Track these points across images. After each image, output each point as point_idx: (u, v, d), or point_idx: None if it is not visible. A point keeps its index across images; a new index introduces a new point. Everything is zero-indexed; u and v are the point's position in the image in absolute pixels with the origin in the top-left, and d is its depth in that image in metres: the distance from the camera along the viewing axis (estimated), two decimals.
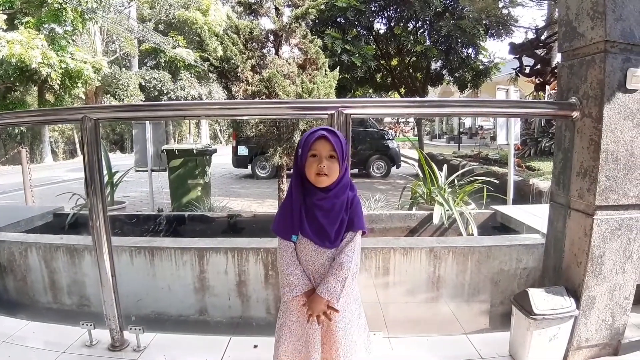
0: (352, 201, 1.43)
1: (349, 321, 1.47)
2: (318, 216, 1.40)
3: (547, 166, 8.05)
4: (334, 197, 1.41)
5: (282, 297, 1.51)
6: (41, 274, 3.04)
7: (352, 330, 1.48)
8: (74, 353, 2.17)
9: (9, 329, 2.39)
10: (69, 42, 16.62)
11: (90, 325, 2.24)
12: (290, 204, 1.44)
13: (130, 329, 2.22)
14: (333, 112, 1.91)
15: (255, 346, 2.22)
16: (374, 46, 11.62)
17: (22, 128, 16.93)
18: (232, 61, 4.93)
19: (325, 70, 5.36)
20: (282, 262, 1.44)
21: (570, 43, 2.02)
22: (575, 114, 1.97)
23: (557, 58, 11.13)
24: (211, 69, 5.27)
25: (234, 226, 4.22)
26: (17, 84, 16.22)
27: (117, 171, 5.65)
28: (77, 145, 21.44)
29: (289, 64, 5.21)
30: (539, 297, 1.94)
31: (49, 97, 17.47)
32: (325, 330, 1.45)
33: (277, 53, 5.44)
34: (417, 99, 5.12)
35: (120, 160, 11.71)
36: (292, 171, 1.53)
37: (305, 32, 5.32)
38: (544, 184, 6.62)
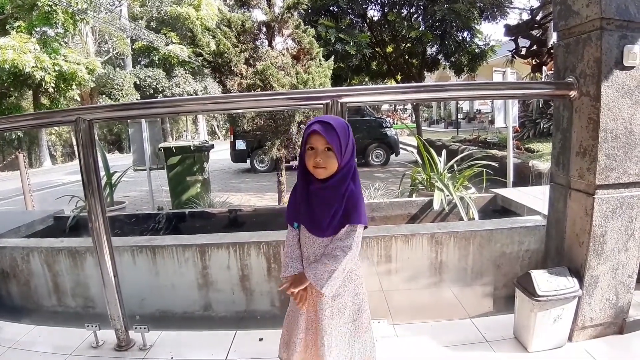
0: (348, 194, 1.41)
1: (339, 312, 1.47)
2: (313, 205, 1.43)
3: (546, 147, 8.02)
4: (331, 188, 1.42)
5: None
6: (44, 278, 3.03)
7: (343, 322, 1.48)
8: (81, 355, 2.18)
9: (14, 335, 2.40)
10: (61, 45, 16.55)
11: (96, 326, 2.25)
12: (295, 193, 1.51)
13: (136, 328, 2.22)
14: (328, 101, 1.89)
15: (260, 339, 2.23)
16: (368, 34, 11.56)
17: (19, 133, 16.90)
18: (226, 55, 4.90)
19: (320, 60, 5.32)
20: (285, 245, 1.55)
21: (565, 21, 1.99)
22: (573, 93, 1.95)
23: (553, 38, 11.04)
24: (205, 64, 5.24)
25: (235, 221, 4.21)
26: (12, 90, 16.19)
27: (116, 171, 5.64)
28: (75, 148, 21.38)
29: (283, 55, 5.18)
30: (541, 279, 1.94)
31: (44, 100, 17.42)
32: (314, 316, 1.48)
33: (270, 45, 5.41)
34: (414, 84, 5.07)
35: (119, 161, 11.70)
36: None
37: (297, 22, 5.27)
38: (543, 165, 6.60)
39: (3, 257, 3.08)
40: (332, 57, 5.73)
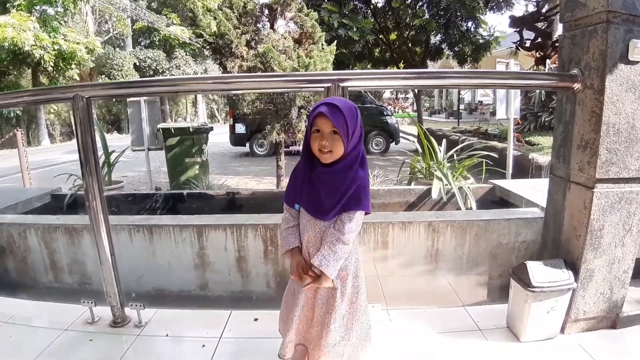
0: (357, 181, 1.38)
1: (338, 292, 1.46)
2: (318, 188, 1.39)
3: (546, 141, 8.01)
4: (336, 173, 1.38)
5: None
6: (41, 255, 3.04)
7: (341, 302, 1.47)
8: (76, 330, 2.19)
9: (10, 309, 2.40)
10: (61, 24, 16.34)
11: (92, 302, 2.25)
12: (297, 173, 1.48)
13: (132, 305, 2.23)
14: (330, 84, 1.87)
15: (255, 319, 2.24)
16: (371, 20, 11.44)
17: (17, 111, 16.78)
18: (227, 37, 4.84)
19: (322, 45, 5.27)
20: (282, 223, 1.51)
21: (572, 13, 1.97)
22: (577, 85, 1.93)
23: (558, 31, 10.96)
24: (205, 45, 5.18)
25: (233, 203, 4.21)
26: (11, 68, 16.04)
27: (114, 151, 5.62)
28: (74, 127, 21.25)
29: (285, 38, 5.12)
30: (537, 270, 1.95)
31: (43, 79, 17.26)
32: (312, 295, 1.48)
33: (272, 27, 5.34)
34: (416, 70, 5.05)
35: (117, 141, 11.65)
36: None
37: (300, 5, 5.21)
38: (543, 158, 6.60)
39: (0, 233, 3.08)
40: (335, 42, 5.66)
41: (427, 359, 1.94)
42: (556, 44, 10.93)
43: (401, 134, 13.15)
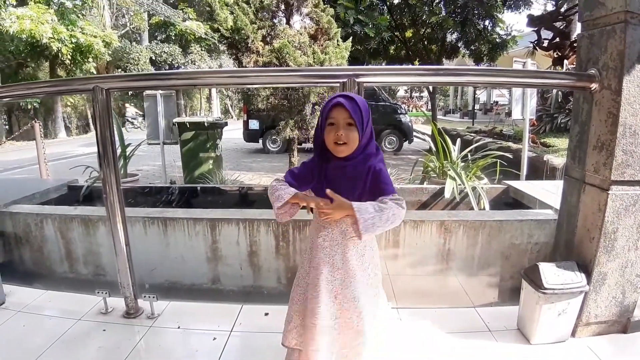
0: (373, 170, 1.35)
1: (367, 285, 1.44)
2: (336, 184, 1.36)
3: (562, 143, 7.90)
4: (352, 166, 1.36)
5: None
6: (57, 245, 3.10)
7: (368, 295, 1.45)
8: (90, 320, 2.24)
9: (24, 299, 2.45)
10: (78, 17, 16.51)
11: (106, 293, 2.30)
12: (311, 167, 1.43)
13: (145, 297, 2.28)
14: (345, 80, 1.87)
15: (266, 314, 2.27)
16: (387, 17, 11.37)
17: (34, 104, 17.04)
18: (243, 31, 4.87)
19: (338, 41, 5.27)
20: (272, 188, 1.40)
21: (590, 12, 1.94)
22: (594, 85, 1.91)
23: (577, 31, 10.75)
24: (221, 40, 5.22)
25: (246, 198, 4.24)
26: (29, 60, 16.25)
27: (130, 144, 5.69)
28: (90, 120, 21.55)
29: (300, 34, 5.13)
30: (549, 272, 1.93)
31: (61, 72, 17.48)
32: (339, 287, 1.42)
33: (288, 23, 5.36)
34: (433, 66, 5.01)
35: (133, 135, 11.78)
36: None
37: (317, 1, 5.21)
38: (558, 160, 6.52)
39: (17, 223, 3.15)
40: (350, 38, 5.65)
41: (437, 359, 1.94)
42: (574, 44, 10.74)
43: (415, 133, 13.05)
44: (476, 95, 25.17)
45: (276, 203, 1.37)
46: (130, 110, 23.58)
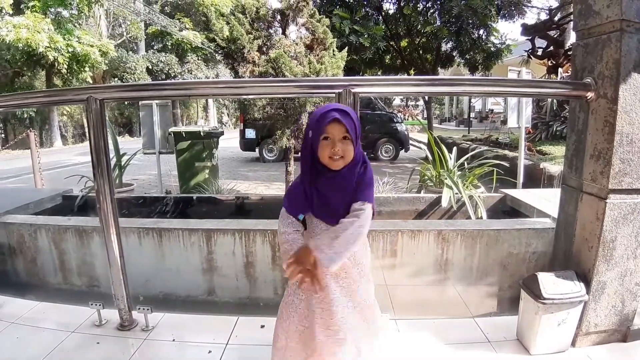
0: (361, 174, 1.38)
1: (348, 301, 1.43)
2: (329, 195, 1.37)
3: (558, 150, 7.93)
4: (344, 176, 1.37)
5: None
6: (51, 256, 3.07)
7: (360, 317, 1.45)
8: (84, 332, 2.20)
9: (18, 310, 2.41)
10: (75, 26, 16.59)
11: (99, 305, 2.26)
12: (303, 190, 1.41)
13: (139, 309, 2.24)
14: (341, 90, 1.87)
15: (262, 326, 2.23)
16: (383, 27, 11.44)
17: (30, 112, 17.03)
18: (239, 42, 4.88)
19: (334, 51, 5.28)
20: (282, 236, 1.40)
21: (585, 21, 1.95)
22: (590, 94, 1.91)
23: (571, 40, 10.89)
24: (217, 50, 5.23)
25: (242, 208, 4.22)
26: (25, 69, 16.29)
27: (125, 153, 5.67)
28: (86, 129, 21.49)
29: (296, 44, 5.14)
30: (548, 281, 1.92)
31: (57, 81, 17.51)
32: (326, 307, 1.40)
33: (284, 33, 5.37)
34: (428, 77, 5.04)
35: (129, 144, 11.76)
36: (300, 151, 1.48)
37: (312, 11, 5.23)
38: (554, 168, 6.53)
39: (11, 233, 3.11)
40: (346, 48, 5.67)
41: None
42: (568, 53, 10.86)
43: (411, 142, 13.10)
44: (472, 104, 25.31)
45: (284, 256, 1.37)
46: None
